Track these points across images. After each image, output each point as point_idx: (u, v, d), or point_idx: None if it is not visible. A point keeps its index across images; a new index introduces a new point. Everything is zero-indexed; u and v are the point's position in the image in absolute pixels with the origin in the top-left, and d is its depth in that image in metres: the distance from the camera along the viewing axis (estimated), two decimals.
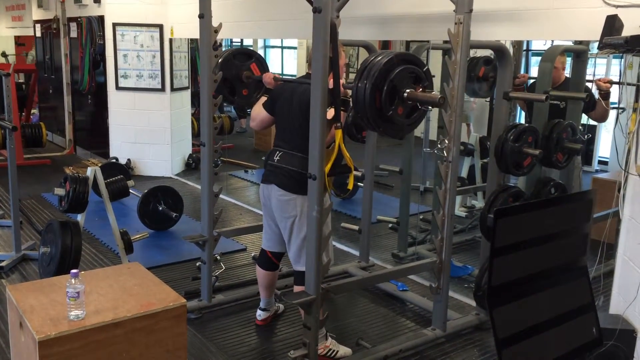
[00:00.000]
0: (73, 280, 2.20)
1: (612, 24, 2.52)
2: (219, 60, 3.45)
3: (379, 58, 2.44)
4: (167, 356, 2.40)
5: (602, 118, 4.34)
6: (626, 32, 2.52)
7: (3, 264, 4.17)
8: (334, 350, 3.11)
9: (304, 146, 2.69)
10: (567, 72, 4.38)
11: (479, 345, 3.31)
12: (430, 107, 2.63)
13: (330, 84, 2.53)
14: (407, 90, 2.44)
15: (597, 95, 3.92)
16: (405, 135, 3.12)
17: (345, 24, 2.75)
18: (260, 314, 3.50)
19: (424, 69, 2.52)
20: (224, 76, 3.47)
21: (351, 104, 2.57)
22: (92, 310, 2.28)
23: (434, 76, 5.77)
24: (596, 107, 3.96)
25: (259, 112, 3.22)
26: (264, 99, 3.25)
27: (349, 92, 2.60)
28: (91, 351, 2.20)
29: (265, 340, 3.38)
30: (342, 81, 2.70)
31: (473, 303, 3.62)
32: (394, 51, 2.50)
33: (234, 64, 3.53)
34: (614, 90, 3.73)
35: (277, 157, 3.05)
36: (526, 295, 2.41)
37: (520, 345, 2.34)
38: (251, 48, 13.79)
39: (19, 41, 10.61)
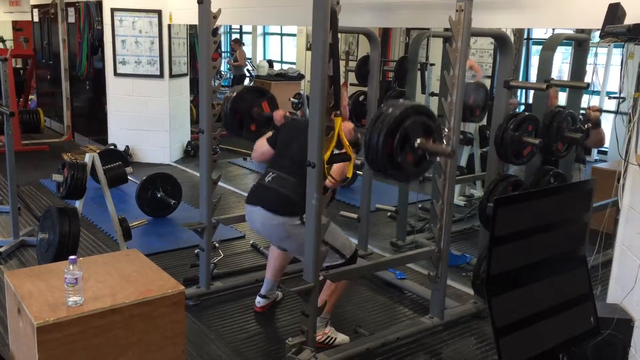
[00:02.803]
0: (71, 267, 2.20)
1: (615, 12, 2.50)
2: (233, 95, 3.50)
3: (392, 109, 2.54)
4: (165, 342, 2.40)
5: (598, 144, 4.31)
6: (629, 20, 2.49)
7: (1, 249, 4.17)
8: (331, 338, 3.12)
9: (301, 175, 2.72)
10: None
11: (477, 334, 3.32)
12: (438, 158, 2.80)
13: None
14: (418, 140, 2.55)
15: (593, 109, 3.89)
16: (411, 181, 3.27)
17: (346, 11, 2.73)
18: (259, 301, 3.51)
19: (436, 123, 2.63)
20: (235, 109, 3.51)
21: (362, 147, 2.69)
22: (90, 297, 2.28)
23: (433, 64, 5.74)
24: (590, 136, 3.93)
25: (261, 145, 3.32)
26: (269, 134, 3.33)
27: (360, 135, 2.77)
28: (89, 337, 2.20)
29: (264, 327, 3.39)
30: (351, 125, 2.85)
31: (471, 292, 3.62)
32: (409, 103, 2.65)
33: (246, 99, 3.56)
34: (614, 81, 3.71)
35: (269, 178, 3.09)
36: (525, 284, 2.42)
37: (518, 334, 2.35)
38: (250, 34, 13.73)
39: (17, 26, 10.53)
